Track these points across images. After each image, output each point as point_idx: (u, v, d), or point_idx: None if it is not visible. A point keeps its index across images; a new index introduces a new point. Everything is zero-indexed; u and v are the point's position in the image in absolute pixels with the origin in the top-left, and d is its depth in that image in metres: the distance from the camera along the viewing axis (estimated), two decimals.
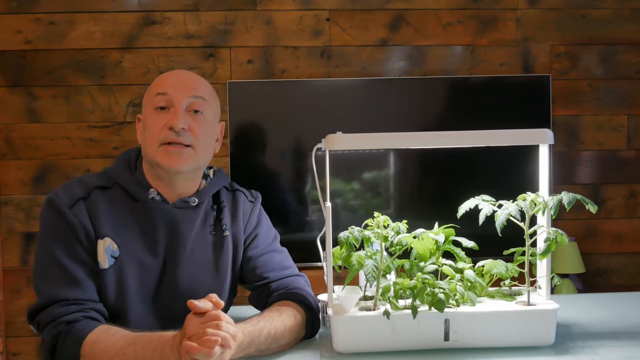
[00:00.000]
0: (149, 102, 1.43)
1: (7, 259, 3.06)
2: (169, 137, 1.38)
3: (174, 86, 1.41)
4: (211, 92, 1.47)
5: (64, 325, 1.28)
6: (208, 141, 1.45)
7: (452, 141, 1.45)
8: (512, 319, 1.32)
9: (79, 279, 1.33)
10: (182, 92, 1.41)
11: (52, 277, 1.33)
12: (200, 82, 1.45)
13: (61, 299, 1.31)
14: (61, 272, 1.33)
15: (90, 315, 1.31)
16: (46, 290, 1.32)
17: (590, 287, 3.17)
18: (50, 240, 1.36)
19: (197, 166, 1.44)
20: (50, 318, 1.29)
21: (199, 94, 1.43)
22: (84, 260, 1.35)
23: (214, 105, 1.47)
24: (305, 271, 1.60)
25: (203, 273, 1.44)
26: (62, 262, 1.33)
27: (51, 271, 1.34)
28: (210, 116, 1.45)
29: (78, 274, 1.33)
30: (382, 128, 2.96)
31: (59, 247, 1.34)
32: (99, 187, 1.42)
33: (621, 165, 3.23)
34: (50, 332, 1.28)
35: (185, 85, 1.42)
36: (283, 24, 3.09)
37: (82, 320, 1.29)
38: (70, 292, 1.32)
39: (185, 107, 1.41)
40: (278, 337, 1.33)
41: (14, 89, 3.04)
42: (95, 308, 1.33)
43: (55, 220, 1.36)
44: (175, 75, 1.45)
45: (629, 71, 3.22)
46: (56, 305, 1.30)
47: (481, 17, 3.15)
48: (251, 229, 1.53)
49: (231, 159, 2.98)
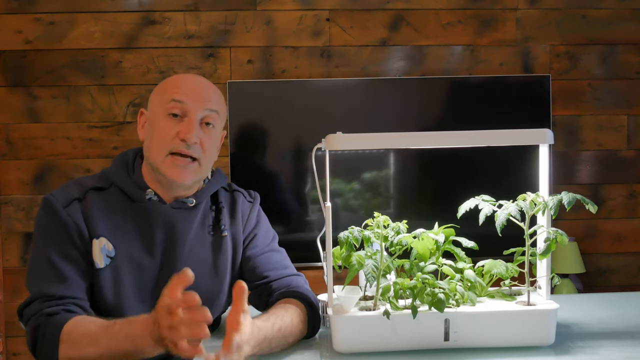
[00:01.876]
0: (160, 104, 1.42)
1: (7, 259, 3.06)
2: (179, 147, 1.38)
3: (191, 95, 1.40)
4: (223, 104, 1.47)
5: (44, 317, 1.30)
6: (213, 153, 1.46)
7: (452, 141, 1.45)
8: (512, 319, 1.32)
9: (66, 277, 1.34)
10: (198, 104, 1.40)
11: (42, 274, 1.36)
12: (215, 93, 1.45)
13: (47, 295, 1.33)
14: (51, 269, 1.35)
15: (69, 308, 1.32)
16: (35, 287, 1.35)
17: (590, 287, 3.17)
18: (43, 239, 1.38)
19: (199, 178, 1.45)
20: (33, 312, 1.32)
21: (214, 107, 1.43)
22: (75, 259, 1.36)
23: (223, 117, 1.48)
24: (305, 271, 1.61)
25: (201, 274, 1.43)
26: (53, 260, 1.35)
27: (41, 269, 1.36)
28: (219, 128, 1.46)
29: (66, 272, 1.35)
30: (382, 128, 2.96)
31: (51, 246, 1.36)
32: (95, 188, 1.42)
33: (621, 165, 3.23)
34: (31, 325, 1.32)
35: (202, 96, 1.41)
36: (283, 24, 3.09)
37: (61, 312, 1.31)
38: (56, 289, 1.33)
39: (199, 119, 1.40)
40: (287, 334, 1.34)
41: (14, 89, 3.04)
42: (77, 304, 1.34)
43: (50, 220, 1.38)
44: (191, 82, 1.44)
45: (629, 71, 3.22)
46: (40, 300, 1.33)
47: (481, 17, 3.15)
48: (250, 229, 1.53)
49: (231, 159, 2.97)
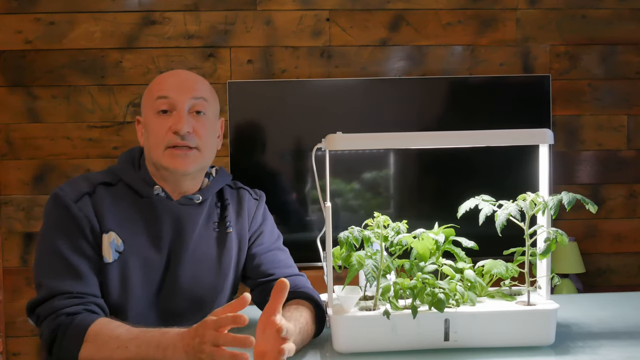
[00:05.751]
0: (149, 105, 1.43)
1: (7, 259, 3.06)
2: (174, 140, 1.39)
3: (175, 88, 1.41)
4: (210, 90, 1.47)
5: (65, 317, 1.26)
6: (211, 140, 1.46)
7: (452, 141, 1.45)
8: (512, 319, 1.32)
9: (82, 272, 1.32)
10: (183, 95, 1.40)
11: (55, 270, 1.32)
12: (199, 81, 1.45)
13: (63, 292, 1.29)
14: (64, 265, 1.32)
15: (91, 308, 1.30)
16: (48, 284, 1.31)
17: (590, 287, 3.17)
18: (54, 234, 1.35)
19: (202, 166, 1.45)
20: (51, 310, 1.28)
21: (200, 94, 1.43)
22: (87, 254, 1.34)
23: (214, 104, 1.48)
24: (305, 271, 1.60)
25: (205, 269, 1.45)
26: (66, 256, 1.32)
27: (54, 264, 1.33)
28: (212, 115, 1.46)
29: (81, 267, 1.33)
30: (382, 128, 2.96)
31: (63, 241, 1.34)
32: (104, 183, 1.42)
33: (621, 165, 3.23)
34: (49, 325, 1.27)
35: (185, 86, 1.42)
36: (283, 24, 3.09)
37: (84, 312, 1.28)
38: (73, 285, 1.30)
39: (188, 109, 1.41)
40: (305, 336, 1.34)
41: (14, 89, 3.04)
42: (96, 302, 1.33)
43: (61, 214, 1.36)
44: (174, 77, 1.45)
45: (629, 71, 3.22)
46: (58, 298, 1.29)
47: (481, 17, 3.15)
48: (256, 227, 1.54)
49: (231, 159, 2.97)
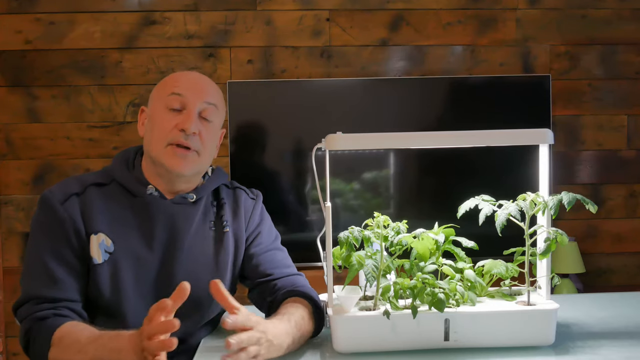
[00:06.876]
0: (160, 100, 1.43)
1: (7, 259, 3.06)
2: (178, 138, 1.40)
3: (190, 88, 1.42)
4: (221, 98, 1.49)
5: (35, 321, 1.31)
6: (212, 148, 1.48)
7: (452, 141, 1.45)
8: (512, 319, 1.32)
9: (57, 278, 1.34)
10: (196, 96, 1.42)
11: (32, 274, 1.36)
12: (213, 87, 1.47)
13: (36, 297, 1.33)
14: (42, 270, 1.35)
15: (61, 312, 1.32)
16: (25, 287, 1.36)
17: (590, 287, 3.17)
18: (37, 238, 1.38)
19: (199, 170, 1.46)
20: (26, 314, 1.33)
21: (212, 100, 1.44)
22: (67, 259, 1.36)
23: (222, 113, 1.49)
24: (305, 271, 1.60)
25: (202, 269, 1.44)
26: (45, 261, 1.35)
27: (33, 268, 1.36)
28: (217, 123, 1.48)
29: (58, 273, 1.35)
30: (382, 128, 2.95)
31: (44, 245, 1.36)
32: (96, 183, 1.43)
33: (621, 165, 3.23)
34: (23, 328, 1.33)
35: (200, 89, 1.43)
36: (283, 24, 3.09)
37: (52, 317, 1.31)
38: (46, 291, 1.34)
39: (198, 112, 1.42)
40: (304, 332, 1.35)
41: (14, 89, 3.04)
42: (69, 307, 1.34)
43: (46, 217, 1.38)
44: (190, 77, 1.46)
45: (629, 71, 3.21)
46: (31, 302, 1.33)
47: (481, 17, 3.15)
48: (254, 227, 1.54)
49: (231, 159, 2.97)
